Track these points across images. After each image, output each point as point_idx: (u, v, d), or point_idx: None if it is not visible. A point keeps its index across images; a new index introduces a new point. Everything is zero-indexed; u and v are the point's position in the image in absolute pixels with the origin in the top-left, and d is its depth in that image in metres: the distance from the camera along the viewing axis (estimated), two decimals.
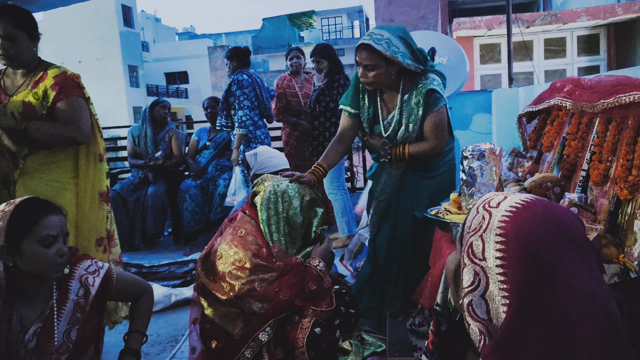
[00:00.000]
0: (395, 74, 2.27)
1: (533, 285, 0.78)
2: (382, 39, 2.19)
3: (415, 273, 2.38)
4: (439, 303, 1.57)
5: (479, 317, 0.83)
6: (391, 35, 2.21)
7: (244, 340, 1.90)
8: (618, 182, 1.60)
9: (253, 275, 1.91)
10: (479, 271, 0.84)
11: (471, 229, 0.88)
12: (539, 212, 0.83)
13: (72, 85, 2.24)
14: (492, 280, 0.82)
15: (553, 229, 0.81)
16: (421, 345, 1.88)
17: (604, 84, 1.87)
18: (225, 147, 4.65)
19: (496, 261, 0.82)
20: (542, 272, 0.78)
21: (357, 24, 33.54)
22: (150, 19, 36.90)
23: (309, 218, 2.11)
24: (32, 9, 2.44)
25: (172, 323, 2.89)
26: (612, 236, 1.59)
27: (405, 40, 2.25)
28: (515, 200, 0.86)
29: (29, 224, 1.55)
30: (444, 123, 2.33)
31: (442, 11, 10.62)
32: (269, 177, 2.17)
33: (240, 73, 4.06)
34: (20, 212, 1.56)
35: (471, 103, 4.76)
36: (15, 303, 1.59)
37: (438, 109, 2.28)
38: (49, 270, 1.58)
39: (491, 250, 0.83)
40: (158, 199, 4.56)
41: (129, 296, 1.87)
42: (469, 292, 0.85)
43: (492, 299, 0.82)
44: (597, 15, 7.77)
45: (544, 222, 0.82)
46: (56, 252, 1.58)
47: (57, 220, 1.61)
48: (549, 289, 0.77)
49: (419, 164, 2.41)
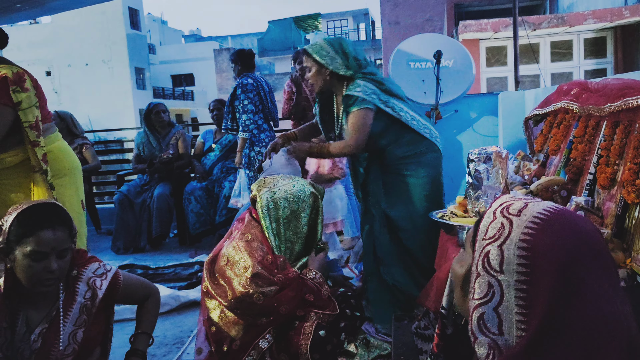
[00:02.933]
0: (329, 77, 2.47)
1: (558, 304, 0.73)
2: (315, 45, 2.49)
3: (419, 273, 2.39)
4: (444, 306, 1.56)
5: (490, 331, 0.78)
6: (325, 43, 2.49)
7: (244, 349, 1.89)
8: (625, 186, 1.59)
9: (254, 284, 1.90)
10: (494, 283, 0.78)
11: (487, 235, 0.81)
12: (567, 225, 0.77)
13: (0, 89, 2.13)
14: (509, 295, 0.77)
15: (580, 244, 0.76)
16: (427, 349, 1.87)
17: (611, 87, 1.87)
18: (231, 150, 4.67)
19: (517, 275, 0.76)
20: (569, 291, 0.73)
21: (363, 26, 33.53)
22: (157, 22, 37.08)
23: (312, 218, 2.10)
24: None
25: (178, 324, 2.90)
26: (619, 240, 1.58)
27: (336, 47, 2.47)
28: (538, 210, 0.79)
29: (22, 235, 1.51)
30: (359, 124, 2.37)
31: (448, 14, 10.61)
32: (266, 181, 2.15)
33: (246, 77, 4.07)
34: (21, 218, 1.53)
35: (477, 106, 4.75)
36: (21, 303, 1.59)
37: (355, 111, 2.38)
38: (35, 284, 1.54)
39: (512, 264, 0.77)
40: (164, 200, 4.58)
41: (136, 299, 1.88)
42: (481, 305, 0.79)
43: (507, 314, 0.77)
44: (604, 18, 7.73)
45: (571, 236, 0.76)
46: (43, 268, 1.51)
47: (52, 235, 1.53)
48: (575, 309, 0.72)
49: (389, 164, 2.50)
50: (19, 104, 2.16)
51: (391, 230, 2.44)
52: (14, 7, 3.65)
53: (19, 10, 3.81)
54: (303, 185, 2.10)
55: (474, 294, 0.81)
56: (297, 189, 2.08)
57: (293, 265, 2.06)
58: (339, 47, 2.46)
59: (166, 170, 4.65)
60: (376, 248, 2.47)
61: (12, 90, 2.14)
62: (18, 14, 4.02)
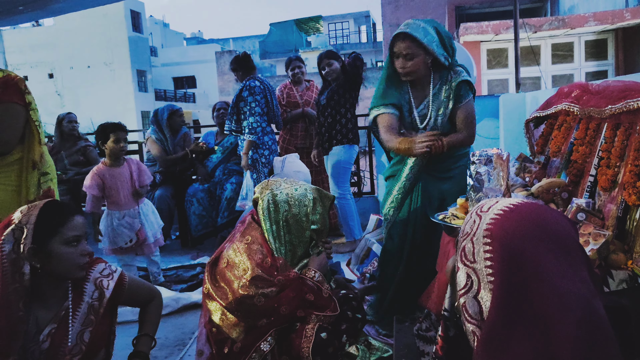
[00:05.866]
0: (429, 64, 2.31)
1: (515, 283, 0.81)
2: (419, 28, 2.26)
3: (420, 275, 2.38)
4: (446, 308, 1.57)
5: (473, 317, 0.86)
6: (426, 25, 2.29)
7: (246, 352, 1.89)
8: (626, 188, 1.59)
9: (254, 287, 1.90)
10: (471, 273, 0.87)
11: (464, 232, 0.91)
12: (524, 214, 0.86)
13: (12, 90, 2.21)
14: (483, 282, 0.85)
15: (537, 230, 0.84)
16: (428, 350, 1.88)
17: (612, 89, 1.87)
18: (233, 151, 4.67)
19: (485, 262, 0.85)
20: (524, 271, 0.81)
21: (364, 29, 33.57)
22: (159, 24, 37.18)
23: (312, 221, 2.09)
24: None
25: (180, 326, 2.90)
26: (620, 242, 1.59)
27: (437, 31, 2.31)
28: (504, 204, 0.89)
29: (56, 226, 1.59)
30: (474, 114, 2.37)
31: (449, 16, 10.63)
32: (269, 183, 2.15)
33: (253, 80, 4.07)
34: (47, 214, 1.60)
35: (478, 108, 4.72)
36: (31, 304, 1.60)
37: (468, 101, 2.33)
38: (74, 270, 1.62)
39: (480, 253, 0.86)
40: (164, 202, 4.58)
41: (139, 301, 1.89)
42: (463, 294, 0.88)
43: (484, 300, 0.85)
44: (605, 20, 7.74)
45: (528, 223, 0.84)
46: (80, 252, 1.62)
47: (81, 220, 1.66)
48: (531, 287, 0.80)
49: (432, 165, 2.41)
50: (29, 104, 2.27)
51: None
52: (17, 9, 3.67)
53: (21, 12, 3.83)
54: (306, 189, 2.10)
55: (458, 286, 0.90)
56: (299, 192, 2.07)
57: (295, 267, 2.06)
58: (440, 30, 2.31)
59: (172, 171, 4.66)
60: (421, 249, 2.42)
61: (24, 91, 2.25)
62: (21, 16, 4.04)
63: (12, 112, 2.21)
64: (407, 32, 2.25)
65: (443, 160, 2.39)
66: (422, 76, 2.36)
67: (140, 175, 3.43)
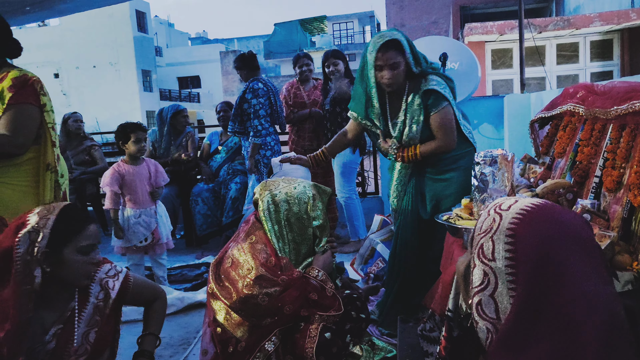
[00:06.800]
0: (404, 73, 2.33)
1: (540, 285, 0.81)
2: (395, 35, 2.28)
3: (418, 275, 2.39)
4: (450, 308, 1.57)
5: (488, 316, 0.86)
6: (398, 32, 2.32)
7: (250, 351, 1.90)
8: (632, 189, 1.59)
9: (258, 286, 1.90)
10: (488, 272, 0.87)
11: (482, 230, 0.91)
12: (548, 215, 0.86)
13: (28, 91, 2.18)
14: (501, 280, 0.85)
15: (561, 231, 0.84)
16: (432, 351, 1.88)
17: (617, 90, 1.86)
18: (237, 151, 4.69)
19: (505, 261, 0.85)
20: (549, 272, 0.81)
21: (369, 29, 33.55)
22: (164, 24, 37.26)
23: (313, 217, 2.09)
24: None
25: (185, 326, 2.91)
26: (625, 243, 1.58)
27: (408, 41, 2.33)
28: (525, 204, 0.89)
29: (73, 233, 1.59)
30: (450, 121, 2.35)
31: (453, 16, 10.60)
32: (267, 184, 2.15)
33: (256, 81, 4.07)
34: (64, 220, 1.60)
35: (483, 109, 4.75)
36: (38, 305, 1.61)
37: (441, 109, 2.32)
38: (81, 278, 1.63)
39: (501, 251, 0.86)
40: (169, 201, 4.59)
41: (144, 300, 1.89)
42: (478, 292, 0.88)
43: (501, 299, 0.85)
44: (610, 20, 7.70)
45: (552, 224, 0.84)
46: (91, 261, 1.63)
47: (95, 229, 1.67)
48: (556, 288, 0.80)
49: (427, 165, 2.45)
50: (44, 105, 2.25)
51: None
52: (24, 9, 3.70)
53: (28, 12, 3.85)
54: (305, 187, 2.10)
55: (472, 283, 0.89)
56: (298, 190, 2.08)
57: (299, 266, 2.06)
58: (409, 41, 2.33)
59: (176, 171, 4.66)
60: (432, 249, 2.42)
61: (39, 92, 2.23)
62: (27, 16, 4.07)
63: (27, 113, 2.18)
64: (396, 38, 2.28)
65: (436, 162, 2.42)
66: (400, 85, 2.38)
67: (157, 176, 3.46)
